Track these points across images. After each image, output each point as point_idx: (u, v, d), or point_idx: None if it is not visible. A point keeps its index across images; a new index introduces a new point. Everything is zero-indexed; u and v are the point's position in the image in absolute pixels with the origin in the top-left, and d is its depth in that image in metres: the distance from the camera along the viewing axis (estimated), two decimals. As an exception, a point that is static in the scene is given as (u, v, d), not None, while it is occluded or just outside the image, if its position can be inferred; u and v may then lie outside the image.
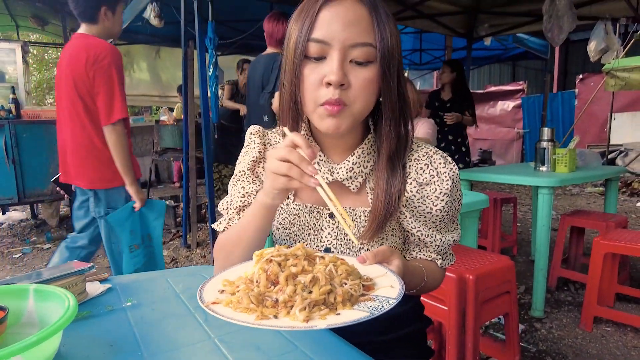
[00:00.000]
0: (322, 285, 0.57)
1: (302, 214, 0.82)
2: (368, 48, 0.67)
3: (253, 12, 5.10)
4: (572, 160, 2.54)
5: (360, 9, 0.68)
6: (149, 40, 6.34)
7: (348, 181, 0.78)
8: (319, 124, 0.72)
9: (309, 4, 0.70)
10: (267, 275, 0.59)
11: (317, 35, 0.67)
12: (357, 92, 0.68)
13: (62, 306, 0.63)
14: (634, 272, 2.97)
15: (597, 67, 9.11)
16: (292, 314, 0.54)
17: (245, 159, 0.85)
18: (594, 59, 3.65)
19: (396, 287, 0.60)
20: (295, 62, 0.70)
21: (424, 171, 0.78)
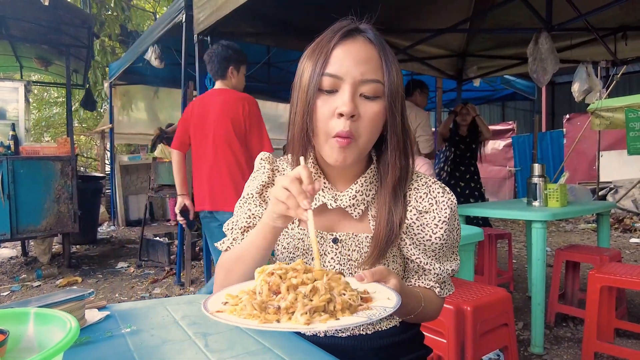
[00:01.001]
0: (322, 295, 0.59)
1: (306, 239, 0.84)
2: (376, 84, 0.74)
3: (250, 54, 5.29)
4: (564, 195, 2.59)
5: (370, 48, 0.75)
6: (149, 81, 6.52)
7: (351, 208, 0.81)
8: (329, 155, 0.76)
9: (323, 43, 0.76)
10: (269, 286, 0.62)
11: (330, 70, 0.73)
12: (365, 124, 0.74)
13: (63, 329, 0.63)
14: (631, 307, 2.95)
15: (582, 107, 9.43)
16: (294, 319, 0.56)
17: (254, 182, 0.89)
18: (578, 99, 3.80)
19: (393, 299, 0.62)
20: (309, 94, 0.75)
21: (424, 200, 0.82)
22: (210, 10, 2.88)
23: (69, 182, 4.13)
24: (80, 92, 8.31)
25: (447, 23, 3.80)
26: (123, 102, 7.17)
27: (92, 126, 11.18)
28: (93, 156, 12.32)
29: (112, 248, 5.45)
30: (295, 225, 0.86)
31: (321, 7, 3.37)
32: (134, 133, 7.58)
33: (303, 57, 0.79)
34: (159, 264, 4.29)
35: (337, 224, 0.85)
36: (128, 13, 7.91)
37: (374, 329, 0.86)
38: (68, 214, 4.13)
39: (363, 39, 0.76)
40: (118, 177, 7.29)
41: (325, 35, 0.77)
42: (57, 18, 3.94)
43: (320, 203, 0.82)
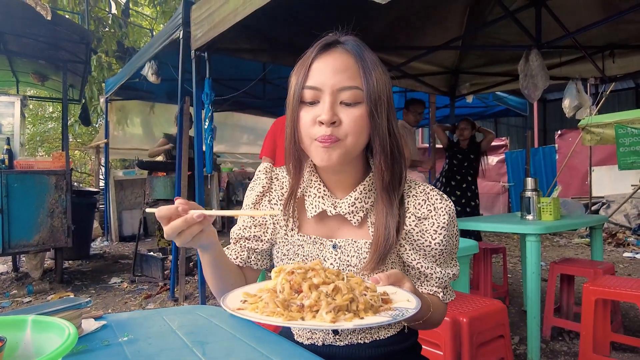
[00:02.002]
0: (345, 294, 0.60)
1: (305, 245, 0.86)
2: (355, 91, 0.76)
3: (246, 71, 5.37)
4: (557, 209, 2.62)
5: (347, 58, 0.78)
6: (145, 96, 6.56)
7: (350, 215, 0.83)
8: (315, 157, 0.79)
9: (304, 59, 0.80)
10: (291, 284, 0.62)
11: (310, 83, 0.77)
12: (347, 127, 0.76)
13: (61, 336, 0.63)
14: (626, 320, 2.95)
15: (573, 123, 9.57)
16: (319, 316, 0.56)
17: (252, 193, 0.92)
18: (569, 115, 3.88)
19: (412, 300, 0.62)
20: (293, 107, 0.79)
21: (422, 206, 0.83)
22: (208, 26, 2.93)
23: (63, 196, 4.11)
24: (76, 107, 8.34)
25: (440, 41, 3.88)
26: (119, 117, 7.19)
27: (87, 141, 11.17)
28: (87, 171, 12.27)
29: (105, 263, 5.39)
30: (294, 232, 0.87)
31: (316, 25, 3.44)
32: (129, 148, 7.58)
33: (291, 74, 0.84)
34: (153, 279, 4.25)
35: (336, 231, 0.86)
36: (125, 30, 8.01)
37: (372, 338, 0.86)
38: (62, 229, 4.10)
39: (340, 50, 0.79)
40: (112, 192, 7.26)
41: (308, 51, 0.81)
42: (55, 34, 3.98)
43: (320, 210, 0.84)
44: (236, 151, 8.87)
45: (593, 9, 3.28)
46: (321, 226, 0.87)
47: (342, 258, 0.83)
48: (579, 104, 3.74)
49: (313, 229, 0.87)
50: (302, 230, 0.88)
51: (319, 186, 0.85)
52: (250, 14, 2.49)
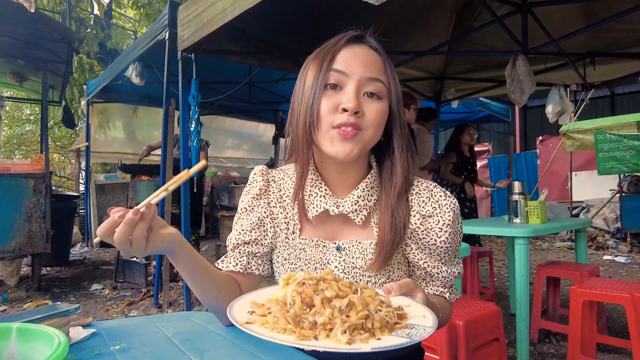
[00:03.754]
0: (359, 311, 0.56)
1: (308, 249, 0.83)
2: (380, 84, 0.76)
3: (231, 74, 5.32)
4: (544, 212, 2.65)
5: (375, 54, 0.79)
6: (128, 99, 6.43)
7: (353, 214, 0.81)
8: (329, 148, 0.75)
9: (329, 46, 0.79)
10: (302, 297, 0.59)
11: (337, 67, 0.76)
12: (370, 120, 0.75)
13: (50, 345, 0.58)
14: (609, 321, 3.00)
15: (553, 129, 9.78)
16: (333, 336, 0.53)
17: (247, 196, 0.88)
18: (552, 120, 3.96)
19: (429, 317, 0.60)
20: (314, 90, 0.76)
21: (426, 204, 0.82)
22: (195, 27, 2.88)
23: (42, 200, 3.97)
24: (55, 109, 8.12)
25: (427, 46, 3.92)
26: (100, 120, 7.03)
27: (66, 145, 10.90)
28: (66, 175, 11.95)
29: (85, 270, 5.23)
30: (296, 236, 0.84)
31: (304, 29, 3.44)
32: (110, 152, 7.42)
33: (305, 65, 0.81)
34: (136, 286, 4.14)
35: (339, 232, 0.84)
36: (107, 31, 7.86)
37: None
38: (40, 234, 3.96)
39: (368, 45, 0.80)
40: (93, 196, 7.08)
41: (332, 39, 0.80)
42: (35, 32, 3.86)
43: (322, 210, 0.81)
44: (221, 155, 8.77)
45: (576, 18, 3.36)
46: (323, 228, 0.84)
47: (346, 260, 0.81)
48: (561, 110, 3.82)
49: (315, 231, 0.84)
50: (303, 233, 0.84)
51: (320, 185, 0.82)
52: (238, 15, 2.46)
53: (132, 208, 0.63)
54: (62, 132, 10.10)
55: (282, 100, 6.71)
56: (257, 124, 8.55)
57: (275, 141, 8.10)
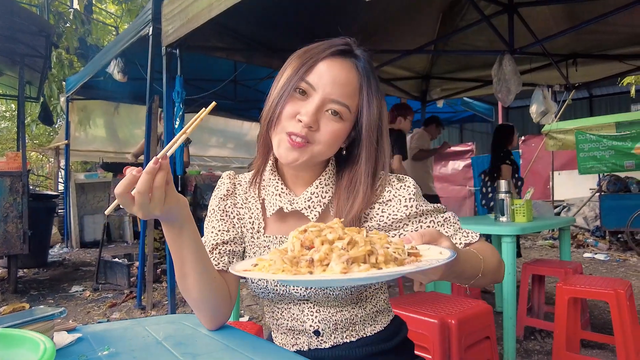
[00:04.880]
0: (362, 246, 0.53)
1: (272, 246, 0.84)
2: (344, 108, 0.76)
3: (216, 72, 5.24)
4: (529, 210, 2.68)
5: (353, 75, 0.78)
6: (109, 96, 6.27)
7: (307, 210, 0.81)
8: (276, 149, 0.78)
9: (315, 51, 0.78)
10: (302, 241, 0.56)
11: (309, 79, 0.76)
12: (323, 137, 0.76)
13: (35, 351, 0.54)
14: (591, 318, 3.06)
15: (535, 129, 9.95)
16: (329, 269, 0.50)
17: (215, 199, 0.90)
18: (536, 120, 4.02)
19: (446, 253, 0.54)
20: (283, 91, 0.77)
21: (382, 192, 0.82)
22: (180, 22, 2.82)
23: (19, 199, 3.84)
24: (32, 105, 7.88)
25: (413, 46, 3.93)
26: (80, 118, 6.85)
27: (45, 143, 10.60)
28: (44, 174, 11.62)
29: (64, 271, 5.08)
30: (260, 234, 0.86)
31: (291, 25, 3.41)
32: (90, 150, 7.24)
33: (292, 56, 0.81)
34: (118, 287, 4.04)
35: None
36: (88, 26, 7.66)
37: (358, 336, 0.84)
38: (16, 234, 3.82)
39: (351, 63, 0.78)
40: (73, 195, 6.89)
41: (321, 45, 0.79)
42: (11, 24, 3.71)
43: (277, 208, 0.82)
44: (204, 154, 8.65)
45: (559, 19, 3.42)
46: (284, 225, 0.85)
47: None
48: (545, 110, 3.88)
49: (277, 228, 0.86)
50: (267, 231, 0.86)
51: (277, 184, 0.84)
52: (225, 10, 2.41)
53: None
54: (39, 129, 9.81)
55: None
56: (242, 122, 8.46)
57: (260, 138, 8.03)
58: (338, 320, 0.82)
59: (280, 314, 0.86)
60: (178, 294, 3.84)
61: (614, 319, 2.01)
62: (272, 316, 0.89)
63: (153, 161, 0.62)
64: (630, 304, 2.07)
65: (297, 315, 0.84)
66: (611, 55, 3.88)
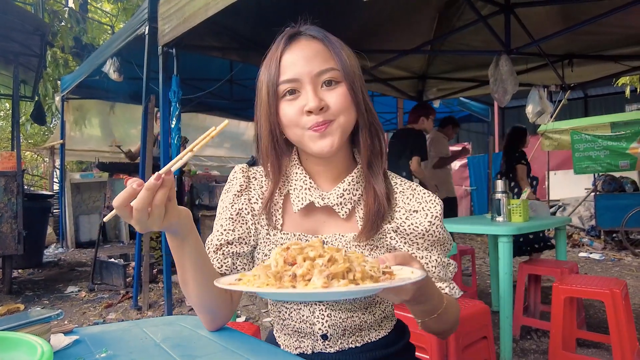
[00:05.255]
0: (341, 264, 0.57)
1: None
2: (332, 72, 0.76)
3: (212, 71, 5.23)
4: (526, 210, 2.69)
5: (314, 43, 0.78)
6: (104, 96, 6.25)
7: (338, 207, 0.81)
8: (312, 147, 0.77)
9: (270, 55, 0.79)
10: (285, 258, 0.59)
11: (285, 77, 0.76)
12: (336, 108, 0.76)
13: (32, 355, 0.54)
14: (587, 317, 3.07)
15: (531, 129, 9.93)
16: (311, 284, 0.53)
17: (228, 194, 0.87)
18: (532, 120, 4.03)
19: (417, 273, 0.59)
20: (270, 104, 0.77)
21: (411, 200, 0.83)
22: (177, 21, 2.81)
23: (13, 199, 3.81)
24: (26, 105, 7.83)
25: (410, 46, 3.93)
26: (76, 117, 6.81)
27: (39, 142, 10.53)
28: (39, 174, 11.55)
29: (60, 271, 5.05)
30: (277, 231, 0.83)
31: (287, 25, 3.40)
32: (86, 150, 7.21)
33: (259, 72, 0.82)
34: (114, 287, 4.02)
35: (322, 226, 0.83)
36: (83, 25, 7.61)
37: (363, 341, 0.83)
38: (11, 235, 3.80)
39: (305, 37, 0.79)
40: (68, 195, 6.85)
41: (272, 47, 0.80)
42: (6, 23, 3.68)
43: (307, 202, 0.81)
44: (200, 154, 8.63)
45: (555, 20, 3.43)
46: (306, 221, 0.83)
47: None
48: (541, 110, 3.89)
49: (297, 225, 0.83)
50: (285, 228, 0.84)
51: (305, 178, 0.82)
52: (221, 9, 2.40)
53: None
54: (34, 129, 9.75)
55: (264, 98, 6.62)
56: (239, 122, 8.45)
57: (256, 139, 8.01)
58: (347, 326, 0.82)
59: (288, 315, 0.85)
60: (175, 294, 3.83)
61: (609, 318, 2.02)
62: (278, 316, 0.87)
63: (155, 177, 0.59)
64: (626, 303, 2.08)
65: (307, 317, 0.82)
66: (606, 55, 3.90)
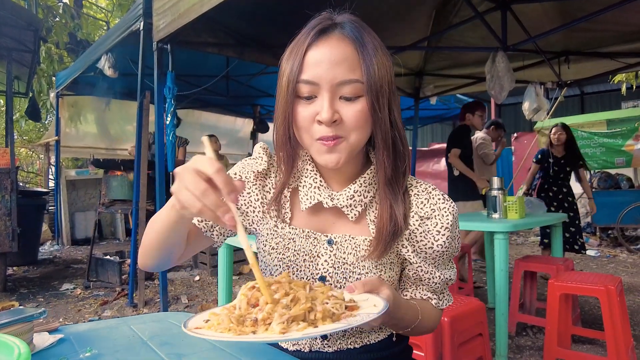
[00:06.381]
0: (303, 304, 0.57)
1: (297, 239, 0.79)
2: (355, 84, 0.69)
3: (208, 67, 5.19)
4: (522, 207, 2.69)
5: (345, 46, 0.70)
6: (100, 92, 6.18)
7: (347, 209, 0.78)
8: (317, 158, 0.73)
9: (298, 45, 0.72)
10: (248, 299, 0.60)
11: (305, 77, 0.70)
12: (350, 125, 0.71)
13: (9, 356, 0.52)
14: (582, 313, 3.08)
15: (527, 126, 9.99)
16: (270, 329, 0.54)
17: (247, 167, 0.83)
18: (528, 117, 4.03)
19: (379, 305, 0.60)
20: (287, 100, 0.71)
21: (425, 205, 0.78)
22: (172, 17, 2.78)
23: (7, 196, 3.78)
24: (21, 101, 7.77)
25: (406, 42, 3.91)
26: (71, 114, 6.75)
27: (34, 139, 10.46)
28: (35, 171, 11.48)
29: (55, 269, 5.03)
30: (285, 224, 0.80)
31: (283, 20, 3.37)
32: (82, 146, 7.15)
33: (283, 57, 0.75)
34: (110, 285, 4.00)
35: (331, 225, 0.81)
36: (78, 21, 7.55)
37: (362, 343, 0.81)
38: (5, 232, 3.77)
39: (338, 35, 0.71)
40: (64, 192, 6.81)
41: (301, 35, 0.73)
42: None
43: (316, 201, 0.78)
44: (196, 150, 8.58)
45: (552, 17, 3.42)
46: (314, 219, 0.80)
47: (337, 255, 0.77)
48: (537, 107, 3.88)
49: (306, 221, 0.80)
50: (293, 222, 0.81)
51: (315, 176, 0.79)
52: (216, 5, 2.38)
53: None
54: (29, 125, 9.67)
55: (260, 94, 6.59)
56: (235, 118, 8.41)
57: (253, 136, 7.98)
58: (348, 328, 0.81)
59: None
60: (170, 292, 3.82)
61: (604, 315, 2.02)
62: None
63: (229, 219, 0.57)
64: (621, 300, 2.08)
65: None
66: (603, 52, 3.90)
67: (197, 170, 0.57)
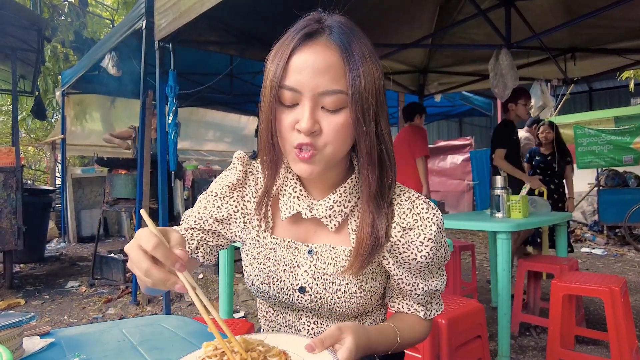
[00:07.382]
0: None
1: (278, 249, 0.78)
2: (338, 95, 0.66)
3: (212, 65, 5.19)
4: (525, 206, 2.66)
5: (331, 54, 0.66)
6: (105, 90, 6.23)
7: (327, 219, 0.75)
8: (293, 166, 0.71)
9: (283, 47, 0.68)
10: None
11: (288, 83, 0.66)
12: (328, 137, 0.68)
13: (-6, 362, 0.52)
14: (587, 314, 3.05)
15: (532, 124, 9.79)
16: None
17: (223, 181, 0.82)
18: (533, 115, 3.99)
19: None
20: (270, 105, 0.69)
21: (407, 215, 0.75)
22: (173, 16, 2.78)
23: (12, 195, 3.82)
24: (27, 100, 7.83)
25: (410, 39, 3.88)
26: (77, 112, 6.80)
27: (42, 137, 10.55)
28: (42, 169, 11.59)
29: (61, 266, 5.08)
30: (267, 234, 0.79)
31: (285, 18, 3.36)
32: (88, 144, 7.21)
33: (267, 58, 0.72)
34: (114, 283, 4.03)
35: (312, 235, 0.79)
36: (83, 19, 7.58)
37: None
38: (11, 230, 3.80)
39: (324, 41, 0.67)
40: (70, 190, 6.86)
41: (287, 36, 0.69)
42: (2, 19, 3.67)
43: (295, 212, 0.76)
44: (201, 148, 8.62)
45: (557, 13, 3.38)
46: (295, 229, 0.79)
47: (317, 265, 0.76)
48: (543, 104, 3.84)
49: (287, 231, 0.79)
50: (275, 232, 0.80)
51: (295, 185, 0.77)
52: (217, 3, 2.37)
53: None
54: (36, 123, 9.74)
55: (265, 92, 6.58)
56: (239, 116, 8.43)
57: (257, 134, 7.99)
58: None
59: (274, 317, 0.83)
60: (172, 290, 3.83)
61: (608, 316, 2.00)
62: (265, 316, 0.86)
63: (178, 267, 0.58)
64: (625, 301, 2.05)
65: (292, 322, 0.80)
66: (609, 49, 3.84)
67: (140, 247, 0.57)
